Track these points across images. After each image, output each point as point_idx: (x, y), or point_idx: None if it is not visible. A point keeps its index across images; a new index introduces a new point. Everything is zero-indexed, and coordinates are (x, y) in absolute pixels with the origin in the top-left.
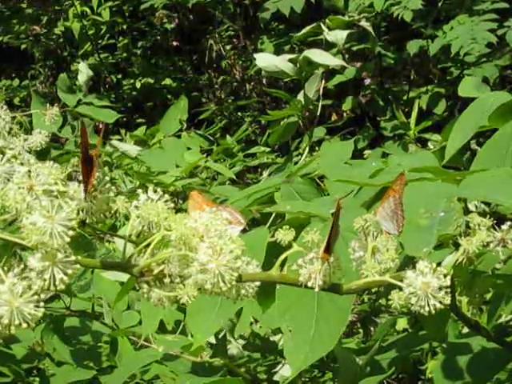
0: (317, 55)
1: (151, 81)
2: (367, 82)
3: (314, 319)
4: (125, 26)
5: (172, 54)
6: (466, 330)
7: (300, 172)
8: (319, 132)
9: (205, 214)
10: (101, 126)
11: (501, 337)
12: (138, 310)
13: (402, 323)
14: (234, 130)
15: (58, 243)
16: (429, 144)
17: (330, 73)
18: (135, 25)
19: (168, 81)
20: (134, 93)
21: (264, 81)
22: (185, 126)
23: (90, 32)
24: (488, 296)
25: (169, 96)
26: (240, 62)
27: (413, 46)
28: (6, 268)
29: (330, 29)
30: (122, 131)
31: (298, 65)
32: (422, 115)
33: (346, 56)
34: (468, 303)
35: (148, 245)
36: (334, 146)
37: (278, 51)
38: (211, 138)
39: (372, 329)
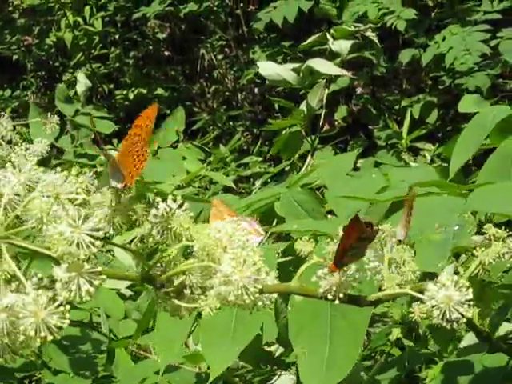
0: (320, 65)
1: (143, 91)
2: (359, 91)
3: (327, 340)
4: (117, 36)
5: (164, 63)
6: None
7: (300, 182)
8: (306, 143)
9: (227, 223)
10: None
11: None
12: (134, 319)
13: (396, 333)
14: (226, 139)
15: (85, 253)
16: (426, 155)
17: None
18: (127, 35)
19: (160, 90)
20: (127, 103)
21: (256, 90)
22: (182, 137)
23: (82, 42)
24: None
25: (161, 106)
26: (232, 72)
27: (405, 56)
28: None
29: (334, 38)
30: (115, 141)
31: (300, 74)
32: (414, 124)
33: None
34: (479, 314)
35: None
36: (334, 157)
37: (270, 61)
38: (207, 150)
39: (365, 338)
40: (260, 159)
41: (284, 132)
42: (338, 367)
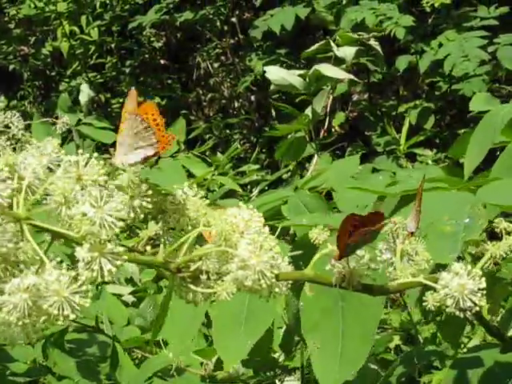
0: (327, 69)
1: (140, 99)
2: (355, 97)
3: (340, 336)
4: (113, 45)
5: (160, 72)
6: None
7: (307, 185)
8: (309, 148)
9: (245, 210)
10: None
11: None
12: (137, 326)
13: (395, 340)
14: (222, 147)
15: (108, 234)
16: (429, 161)
17: None
18: (123, 44)
19: (156, 99)
20: None
21: (252, 98)
22: (183, 147)
23: (79, 51)
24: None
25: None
26: (228, 80)
27: (402, 62)
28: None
29: (338, 45)
30: (111, 150)
31: (307, 79)
32: (411, 130)
33: None
34: (488, 310)
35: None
36: (337, 161)
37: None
38: (209, 160)
39: None
40: (257, 167)
41: (290, 136)
42: (351, 362)
